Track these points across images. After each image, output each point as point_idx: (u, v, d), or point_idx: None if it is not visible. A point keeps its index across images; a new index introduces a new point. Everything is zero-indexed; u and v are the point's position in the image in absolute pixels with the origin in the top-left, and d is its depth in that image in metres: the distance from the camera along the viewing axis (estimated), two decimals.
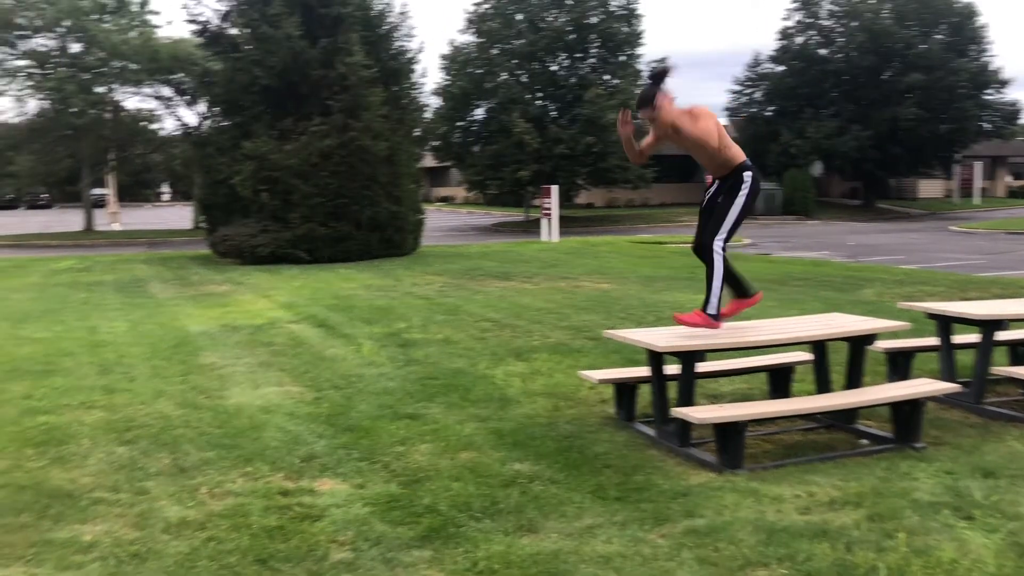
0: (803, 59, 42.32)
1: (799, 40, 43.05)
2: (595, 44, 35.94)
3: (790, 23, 43.10)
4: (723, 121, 38.84)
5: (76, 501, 4.21)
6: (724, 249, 5.01)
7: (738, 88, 45.23)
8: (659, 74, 5.05)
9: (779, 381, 5.83)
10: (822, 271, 15.34)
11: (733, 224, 5.00)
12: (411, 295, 12.08)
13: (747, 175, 5.01)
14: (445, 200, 61.80)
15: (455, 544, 3.65)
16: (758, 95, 44.74)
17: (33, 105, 32.48)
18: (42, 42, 31.61)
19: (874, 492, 4.17)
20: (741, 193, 4.99)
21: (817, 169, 40.95)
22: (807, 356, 5.73)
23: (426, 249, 20.74)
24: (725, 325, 5.13)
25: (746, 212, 5.02)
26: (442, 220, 39.43)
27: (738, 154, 5.06)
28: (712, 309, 4.97)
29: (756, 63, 44.35)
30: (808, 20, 42.69)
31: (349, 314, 10.25)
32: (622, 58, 35.88)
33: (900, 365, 6.20)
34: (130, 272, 16.50)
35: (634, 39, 35.95)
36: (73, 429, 5.44)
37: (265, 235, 17.59)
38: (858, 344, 5.37)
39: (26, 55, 31.49)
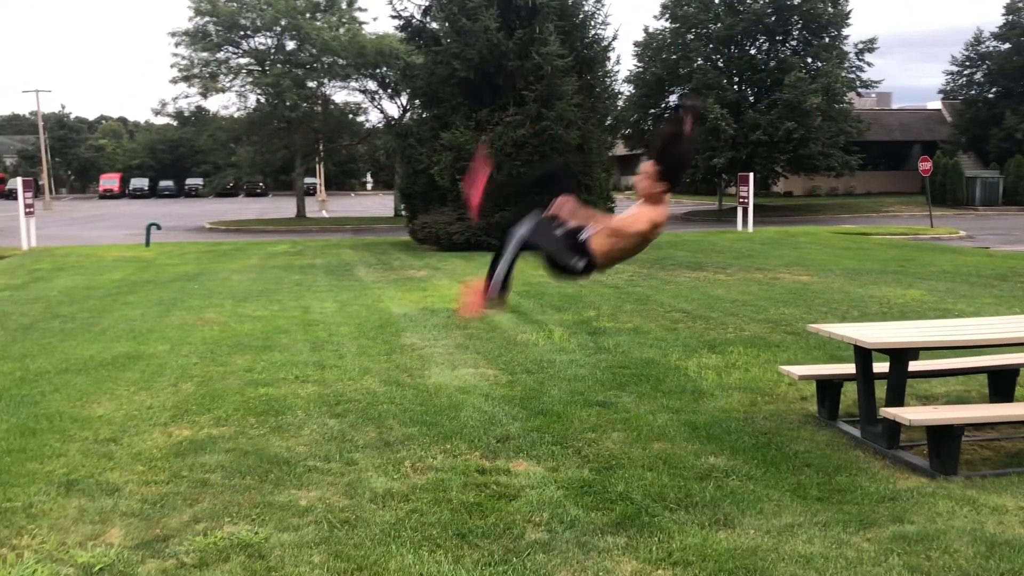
0: None
1: None
2: (797, 26, 34.44)
3: None
4: (937, 105, 35.97)
5: (293, 468, 4.54)
6: None
7: (956, 69, 42.01)
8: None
9: (1001, 384, 5.40)
10: None
11: None
12: (600, 283, 12.09)
13: None
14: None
15: (649, 533, 3.64)
16: (978, 76, 41.35)
17: (252, 100, 35.12)
18: (261, 41, 34.13)
19: None
20: None
21: None
22: None
23: None
24: (941, 322, 4.80)
25: None
26: None
27: None
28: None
29: (977, 41, 40.97)
30: None
31: (540, 301, 10.41)
32: (826, 40, 34.17)
33: None
34: (338, 256, 17.52)
35: (839, 19, 34.12)
36: (289, 401, 5.86)
37: (461, 223, 18.15)
38: None
39: (247, 53, 34.09)
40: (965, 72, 41.79)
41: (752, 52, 35.14)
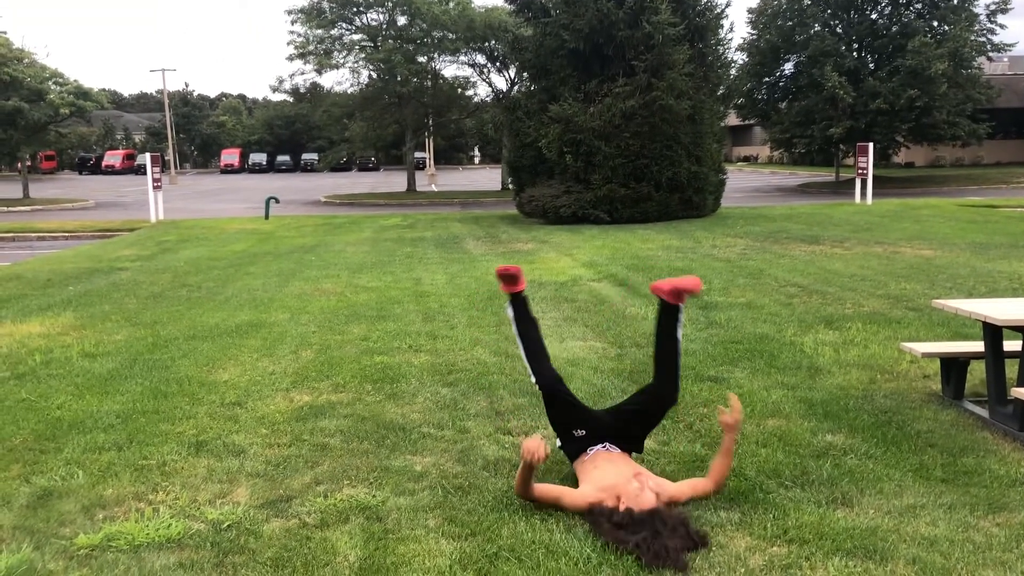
0: None
1: None
2: None
3: None
4: None
5: (408, 434, 4.66)
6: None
7: None
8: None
9: None
10: None
11: None
12: (711, 257, 11.89)
13: None
14: (747, 160, 59.90)
15: (764, 510, 3.58)
16: None
17: (365, 76, 35.75)
18: (374, 16, 34.65)
19: None
20: None
21: None
22: None
23: (726, 210, 20.26)
24: None
25: None
26: (743, 180, 38.27)
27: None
28: None
29: None
30: None
31: (648, 274, 10.31)
32: (954, 1, 32.34)
33: None
34: (447, 229, 17.76)
35: None
36: (404, 369, 6.01)
37: (568, 196, 18.11)
38: None
39: (360, 30, 34.68)
40: None
41: (873, 17, 33.62)
